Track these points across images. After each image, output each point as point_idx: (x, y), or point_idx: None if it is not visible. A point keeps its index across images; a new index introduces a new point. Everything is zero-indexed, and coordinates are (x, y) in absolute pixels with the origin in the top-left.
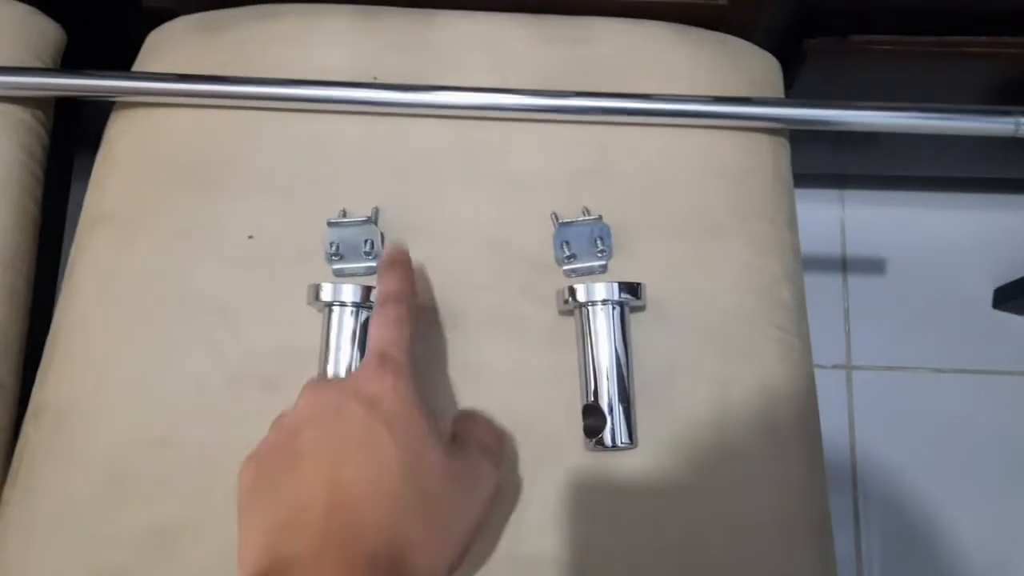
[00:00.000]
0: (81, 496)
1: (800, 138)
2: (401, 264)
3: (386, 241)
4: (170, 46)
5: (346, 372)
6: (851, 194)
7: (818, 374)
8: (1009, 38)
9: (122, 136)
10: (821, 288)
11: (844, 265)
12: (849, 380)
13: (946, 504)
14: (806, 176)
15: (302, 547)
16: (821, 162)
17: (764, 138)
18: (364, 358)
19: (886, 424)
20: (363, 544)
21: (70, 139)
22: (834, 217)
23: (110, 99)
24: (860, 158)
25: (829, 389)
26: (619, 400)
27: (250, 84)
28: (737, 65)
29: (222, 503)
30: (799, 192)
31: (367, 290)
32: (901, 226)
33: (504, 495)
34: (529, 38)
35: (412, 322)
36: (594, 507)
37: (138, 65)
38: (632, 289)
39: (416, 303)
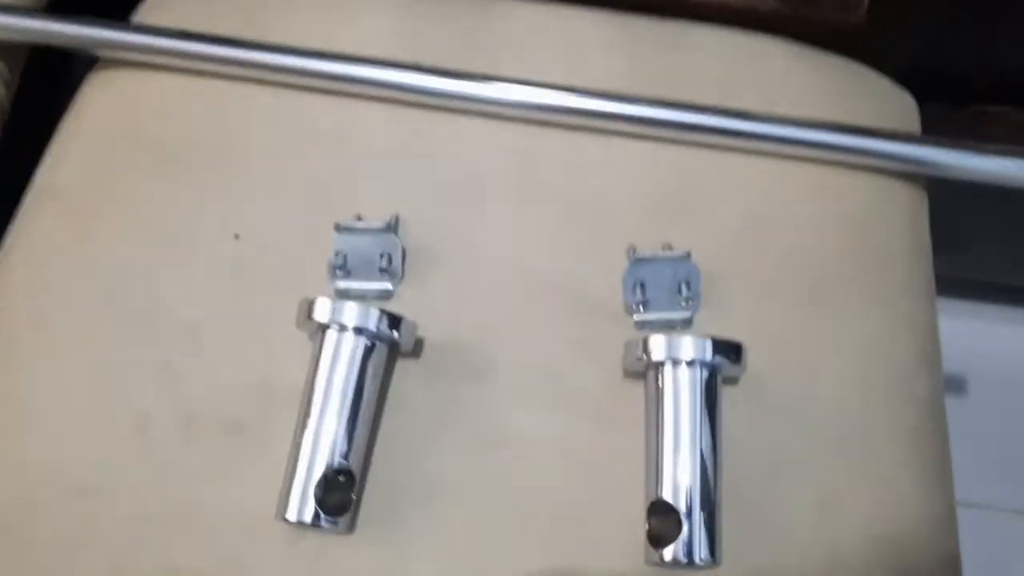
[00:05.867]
0: None
1: None
2: None
3: (407, 259)
4: (176, 2)
5: (336, 417)
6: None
7: None
8: None
9: (97, 100)
10: None
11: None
12: None
13: None
14: None
15: None
16: None
17: (896, 184)
18: None
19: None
20: None
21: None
22: None
23: (92, 53)
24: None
25: None
26: (700, 500)
27: (263, 51)
28: (864, 98)
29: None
30: None
31: (379, 314)
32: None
33: None
34: (610, 38)
35: None
36: None
37: (135, 20)
38: (730, 350)
39: None
